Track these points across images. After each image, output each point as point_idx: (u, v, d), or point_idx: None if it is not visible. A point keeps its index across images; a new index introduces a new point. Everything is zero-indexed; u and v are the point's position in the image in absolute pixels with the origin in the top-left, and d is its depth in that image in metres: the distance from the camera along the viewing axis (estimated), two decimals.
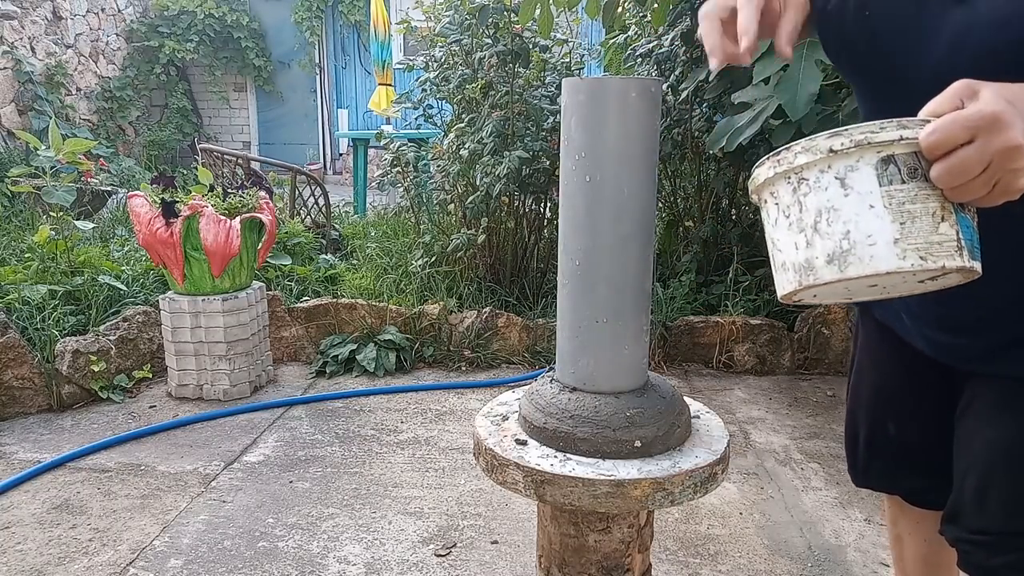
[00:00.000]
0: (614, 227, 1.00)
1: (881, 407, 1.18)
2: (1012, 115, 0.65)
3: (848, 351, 3.41)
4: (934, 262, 0.69)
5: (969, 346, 0.96)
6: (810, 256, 0.74)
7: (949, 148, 0.67)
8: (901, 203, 0.70)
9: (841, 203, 0.72)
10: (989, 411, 0.94)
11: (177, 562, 1.96)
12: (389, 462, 2.54)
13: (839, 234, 0.72)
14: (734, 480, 2.42)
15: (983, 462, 0.95)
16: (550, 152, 3.58)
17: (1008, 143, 0.64)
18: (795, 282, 0.77)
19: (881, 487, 1.24)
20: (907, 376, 1.11)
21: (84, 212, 5.08)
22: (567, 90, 1.00)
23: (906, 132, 0.69)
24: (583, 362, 1.05)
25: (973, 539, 0.96)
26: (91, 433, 2.74)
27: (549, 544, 1.12)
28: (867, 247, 0.70)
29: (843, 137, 0.71)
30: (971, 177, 0.66)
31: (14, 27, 7.33)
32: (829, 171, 0.73)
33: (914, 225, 0.69)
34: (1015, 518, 0.92)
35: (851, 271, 0.71)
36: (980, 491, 0.95)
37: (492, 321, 3.47)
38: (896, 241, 0.69)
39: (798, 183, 0.75)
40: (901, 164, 0.70)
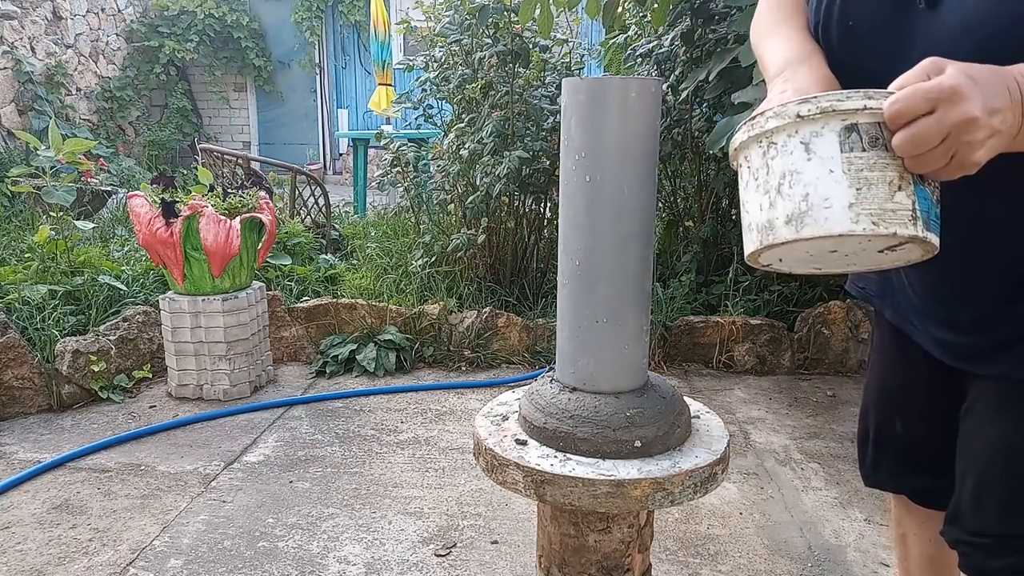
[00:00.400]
0: (614, 227, 1.00)
1: (889, 406, 1.18)
2: (971, 89, 0.67)
3: (848, 351, 3.42)
4: (886, 228, 0.71)
5: (971, 345, 0.96)
6: (772, 216, 0.77)
7: (910, 117, 0.69)
8: (860, 169, 0.72)
9: (804, 167, 0.74)
10: (989, 412, 0.94)
11: (177, 562, 1.96)
12: (389, 462, 2.54)
13: (799, 196, 0.74)
14: (734, 480, 2.42)
15: (982, 464, 0.95)
16: (550, 152, 3.58)
17: (965, 115, 0.67)
18: (757, 241, 0.79)
19: (888, 486, 1.25)
20: (915, 376, 1.11)
21: (84, 212, 5.08)
22: (567, 90, 1.00)
23: (870, 102, 0.72)
24: (583, 362, 1.05)
25: (972, 541, 0.96)
26: (91, 433, 2.74)
27: (549, 544, 1.12)
28: (823, 209, 0.73)
29: (811, 104, 0.74)
30: (930, 147, 0.69)
31: (14, 27, 7.33)
32: (796, 136, 0.75)
33: (870, 191, 0.72)
34: (1012, 521, 0.92)
35: (806, 231, 0.74)
36: (978, 493, 0.95)
37: (492, 321, 3.47)
38: (851, 205, 0.72)
39: (768, 147, 0.78)
40: (863, 132, 0.73)
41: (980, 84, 0.68)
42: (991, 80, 0.69)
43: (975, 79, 0.68)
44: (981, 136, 0.68)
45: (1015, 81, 0.70)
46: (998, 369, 0.92)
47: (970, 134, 0.68)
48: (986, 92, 0.68)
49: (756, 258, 0.82)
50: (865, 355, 3.44)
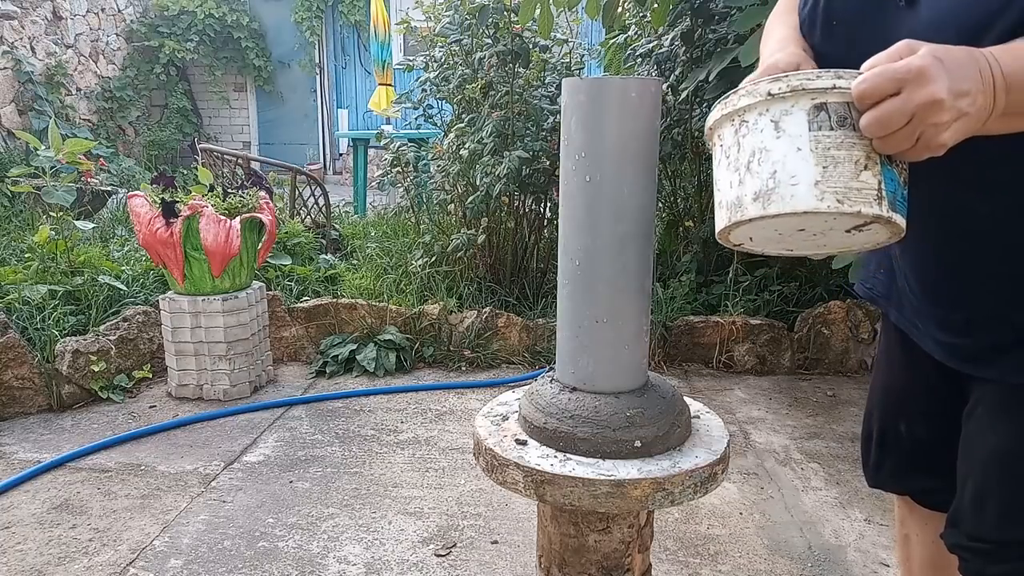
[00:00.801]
0: (614, 227, 1.00)
1: (893, 407, 1.18)
2: (938, 71, 0.67)
3: (848, 351, 3.42)
4: (850, 206, 0.72)
5: (967, 347, 0.96)
6: (740, 194, 0.77)
7: (877, 98, 0.70)
8: (827, 148, 0.73)
9: (772, 144, 0.75)
10: (990, 417, 0.94)
11: (177, 562, 1.96)
12: (389, 462, 2.54)
13: (767, 173, 0.75)
14: (734, 480, 2.42)
15: (981, 469, 0.95)
16: (550, 152, 3.58)
17: (930, 96, 0.67)
18: (726, 219, 0.80)
19: (891, 487, 1.24)
20: (919, 378, 1.11)
21: (84, 212, 5.08)
22: (567, 90, 1.00)
23: (840, 82, 0.73)
24: (583, 362, 1.05)
25: (971, 546, 0.96)
26: (91, 433, 2.74)
27: (549, 544, 1.12)
28: (789, 187, 0.73)
29: (782, 82, 0.75)
30: (896, 128, 0.69)
31: (14, 27, 7.33)
32: (767, 114, 0.76)
33: (836, 170, 0.72)
34: (1010, 527, 0.91)
35: (773, 208, 0.74)
36: (977, 498, 0.95)
37: (492, 321, 3.47)
38: (817, 183, 0.72)
39: (739, 124, 0.79)
40: (832, 112, 0.73)
41: (948, 66, 0.68)
42: (962, 62, 0.69)
43: (943, 61, 0.68)
44: (946, 118, 0.68)
45: (987, 63, 0.70)
46: (994, 373, 0.92)
47: (935, 116, 0.68)
48: (954, 74, 0.68)
49: (727, 236, 0.83)
50: (865, 355, 3.44)
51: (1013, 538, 0.91)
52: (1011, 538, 0.91)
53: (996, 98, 0.71)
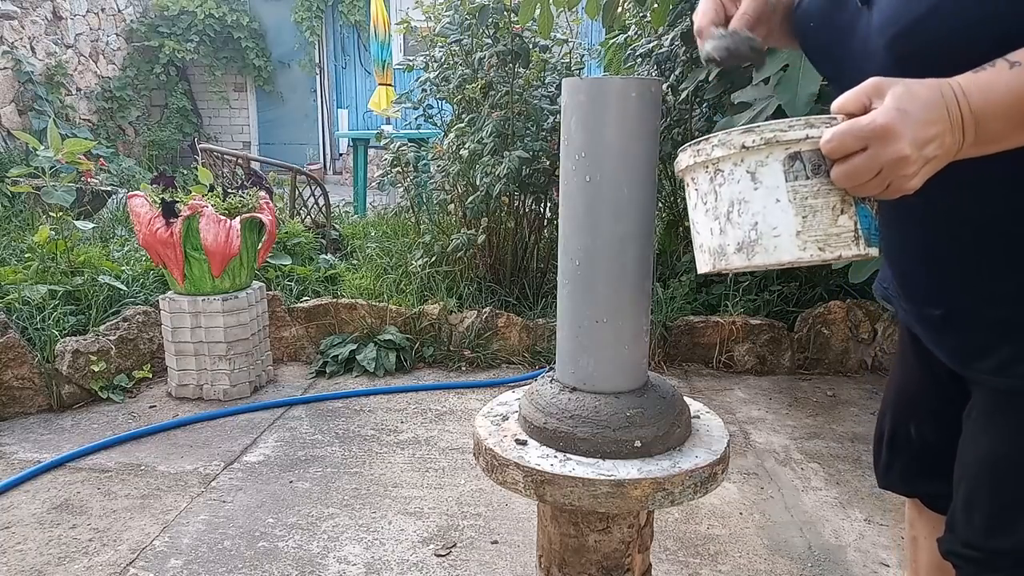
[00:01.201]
0: (614, 227, 1.00)
1: (904, 409, 1.18)
2: (903, 126, 0.69)
3: (848, 351, 3.42)
4: (832, 252, 0.75)
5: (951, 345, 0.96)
6: (723, 243, 0.80)
7: (844, 155, 0.72)
8: (804, 198, 0.75)
9: (751, 195, 0.77)
10: (981, 422, 0.93)
11: (177, 562, 1.96)
12: (389, 462, 2.54)
13: (748, 225, 0.77)
14: (734, 480, 2.42)
15: (971, 476, 0.94)
16: (550, 152, 3.58)
17: (896, 154, 0.69)
18: (710, 264, 0.83)
19: (901, 489, 1.23)
20: (929, 380, 1.10)
21: (84, 212, 5.08)
22: (567, 90, 1.00)
23: (811, 131, 0.75)
24: (583, 362, 1.05)
25: (964, 553, 0.95)
26: (91, 433, 2.74)
27: (549, 544, 1.12)
28: (772, 238, 0.76)
29: (755, 134, 0.77)
30: (865, 180, 0.72)
31: (14, 27, 7.33)
32: (742, 164, 0.78)
33: (815, 219, 0.75)
34: (997, 536, 0.91)
35: (757, 260, 0.77)
36: (968, 504, 0.95)
37: (492, 321, 3.47)
38: (798, 233, 0.75)
39: (715, 173, 0.81)
40: (806, 161, 0.75)
41: (914, 115, 0.69)
42: (928, 104, 0.70)
43: (908, 112, 0.69)
44: (912, 170, 0.71)
45: (955, 99, 0.70)
46: (977, 375, 0.92)
47: (901, 169, 0.70)
48: (919, 121, 0.69)
49: (708, 274, 0.87)
50: (865, 355, 3.44)
51: (1001, 547, 0.90)
52: (999, 547, 0.90)
53: (965, 133, 0.71)
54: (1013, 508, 0.89)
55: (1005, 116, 0.70)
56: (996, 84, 0.70)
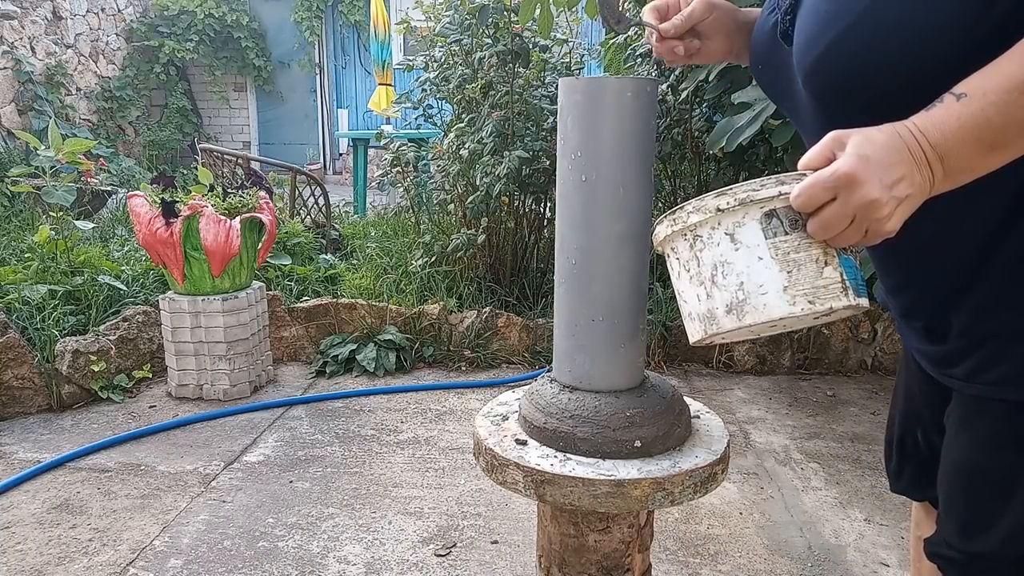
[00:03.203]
0: (610, 226, 1.00)
1: (909, 415, 1.18)
2: (867, 172, 0.70)
3: (848, 351, 3.42)
4: (822, 304, 0.75)
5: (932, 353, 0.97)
6: (711, 307, 0.80)
7: (816, 207, 0.73)
8: (787, 253, 0.75)
9: (733, 256, 0.77)
10: (955, 428, 0.95)
11: (177, 562, 1.96)
12: (389, 462, 2.54)
13: (734, 286, 0.77)
14: (734, 480, 2.42)
15: (947, 480, 0.96)
16: (550, 152, 3.58)
17: (864, 199, 0.70)
18: (701, 331, 0.83)
19: (912, 494, 1.24)
20: (930, 387, 1.11)
21: (84, 212, 5.08)
22: (563, 90, 1.00)
23: (783, 188, 0.76)
24: (579, 360, 1.05)
25: (945, 554, 0.96)
26: (91, 433, 2.74)
27: (549, 544, 1.12)
28: (760, 296, 0.76)
29: (728, 196, 0.77)
30: (841, 229, 0.73)
31: (14, 27, 7.33)
32: (720, 228, 0.79)
33: (800, 272, 0.75)
34: (971, 539, 0.92)
35: (748, 319, 0.77)
36: (947, 508, 0.96)
37: (492, 321, 3.47)
38: (786, 288, 0.75)
39: (694, 240, 0.81)
40: (783, 217, 0.76)
41: (875, 160, 0.70)
42: (888, 149, 0.71)
43: (870, 158, 0.70)
44: (886, 212, 0.71)
45: (914, 139, 0.72)
46: (954, 383, 0.93)
47: (874, 213, 0.71)
48: (882, 165, 0.70)
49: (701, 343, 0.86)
50: (865, 355, 3.44)
51: (977, 550, 0.91)
52: (976, 550, 0.91)
53: (933, 169, 0.72)
54: (987, 513, 0.91)
55: (967, 146, 0.71)
56: (948, 119, 0.71)
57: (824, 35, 0.81)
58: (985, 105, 0.70)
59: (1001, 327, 0.85)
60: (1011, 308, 0.84)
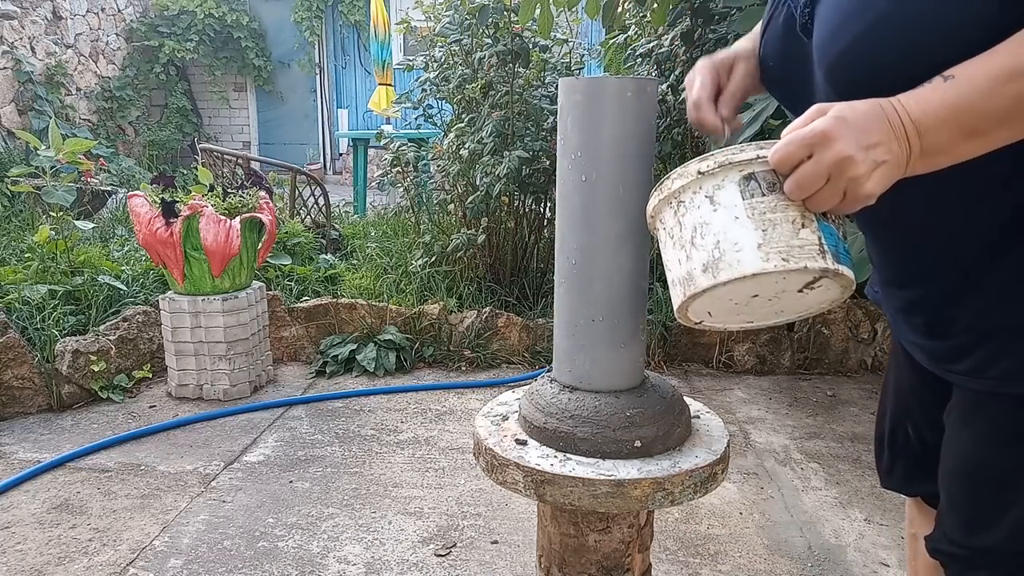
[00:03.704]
0: (610, 226, 1.00)
1: (900, 411, 1.20)
2: (841, 130, 0.72)
3: (848, 351, 3.42)
4: (796, 263, 0.75)
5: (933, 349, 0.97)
6: (690, 268, 0.81)
7: (793, 164, 0.74)
8: (763, 213, 0.77)
9: (711, 218, 0.79)
10: (958, 424, 0.95)
11: (177, 562, 1.96)
12: (389, 462, 2.54)
13: (711, 245, 0.78)
14: (734, 480, 2.42)
15: (950, 476, 0.96)
16: (550, 152, 3.58)
17: (838, 155, 0.71)
18: (681, 294, 0.83)
19: (904, 489, 1.26)
20: (923, 380, 1.12)
21: (84, 212, 5.08)
22: (563, 90, 1.00)
23: (762, 152, 0.78)
24: (579, 360, 1.05)
25: (948, 550, 0.97)
26: (91, 433, 2.74)
27: (549, 544, 1.12)
28: (735, 253, 0.77)
29: (710, 160, 0.80)
30: (817, 188, 0.74)
31: (14, 27, 7.33)
32: (700, 191, 0.81)
33: (775, 231, 0.76)
34: (977, 534, 0.92)
35: (722, 276, 0.77)
36: (950, 504, 0.97)
37: (492, 321, 3.47)
38: (760, 246, 0.76)
39: (677, 206, 0.83)
40: (761, 180, 0.78)
41: (852, 122, 0.72)
42: (868, 115, 0.73)
43: (847, 119, 0.72)
44: (863, 170, 0.72)
45: (895, 111, 0.73)
46: (956, 378, 0.93)
47: (849, 171, 0.72)
48: (860, 128, 0.72)
49: (685, 313, 0.86)
50: (865, 355, 3.44)
51: (981, 545, 0.92)
52: (980, 545, 0.92)
53: (911, 142, 0.73)
54: (991, 508, 0.91)
55: (946, 126, 0.73)
56: (932, 97, 0.73)
57: (850, 28, 0.80)
58: (970, 89, 0.72)
59: (1006, 322, 0.86)
60: (1017, 303, 0.84)
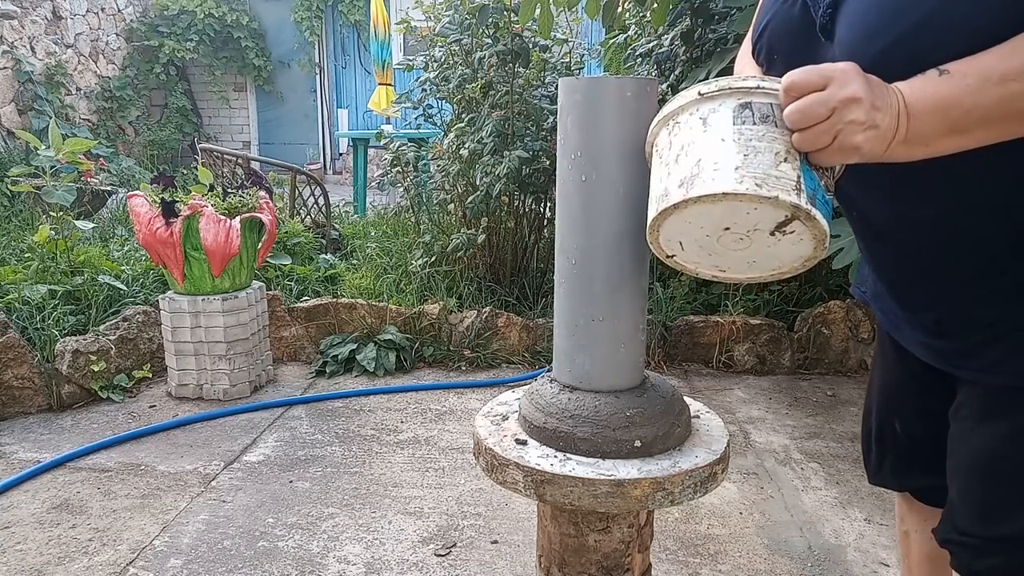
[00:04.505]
0: (610, 226, 1.00)
1: (888, 406, 1.21)
2: (861, 78, 0.75)
3: (848, 351, 3.42)
4: (768, 191, 0.75)
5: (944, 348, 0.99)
6: (668, 184, 0.81)
7: (804, 91, 0.76)
8: (748, 139, 0.77)
9: (699, 138, 0.80)
10: (972, 419, 0.96)
11: (177, 562, 1.96)
12: (389, 462, 2.54)
13: (692, 162, 0.79)
14: (734, 480, 2.42)
15: (965, 469, 0.98)
16: (550, 152, 3.58)
17: (853, 93, 0.74)
18: (654, 211, 0.82)
19: (891, 485, 1.27)
20: (911, 377, 1.14)
21: (84, 212, 5.08)
22: (563, 90, 1.00)
23: (764, 83, 0.79)
24: (579, 360, 1.05)
25: (960, 540, 0.98)
26: (91, 433, 2.74)
27: (549, 544, 1.12)
28: (712, 171, 0.77)
29: (711, 84, 0.81)
30: (817, 120, 0.75)
31: (14, 27, 7.33)
32: (696, 113, 0.82)
33: (756, 158, 0.76)
34: (993, 524, 0.94)
35: (695, 191, 0.77)
36: (963, 496, 0.98)
37: (492, 321, 3.47)
38: (737, 168, 0.76)
39: (672, 126, 0.84)
40: (755, 110, 0.79)
41: (869, 80, 0.75)
42: (878, 83, 0.77)
43: (866, 76, 0.76)
44: (863, 117, 0.74)
45: (894, 92, 0.77)
46: (970, 374, 0.95)
47: (854, 112, 0.74)
48: (873, 88, 0.75)
49: (656, 236, 0.84)
50: (865, 355, 3.44)
51: (996, 534, 0.94)
52: (994, 534, 0.94)
53: (899, 123, 0.76)
54: (1008, 500, 0.93)
55: (933, 117, 0.76)
56: (925, 87, 0.76)
57: (891, 29, 0.81)
58: (961, 85, 0.74)
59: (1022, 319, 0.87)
60: None
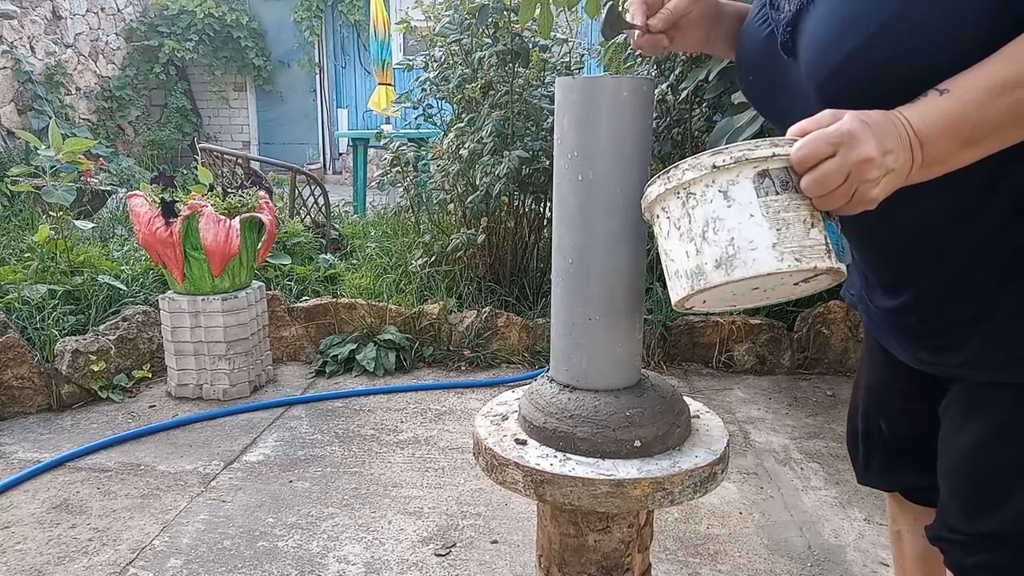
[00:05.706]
0: (607, 225, 1.00)
1: (874, 406, 1.23)
2: (867, 133, 0.74)
3: (848, 351, 3.42)
4: (807, 263, 0.77)
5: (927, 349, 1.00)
6: (700, 262, 0.81)
7: (815, 161, 0.76)
8: (777, 212, 0.78)
9: (725, 213, 0.80)
10: (960, 416, 0.97)
11: (177, 562, 1.96)
12: (389, 462, 2.54)
13: (724, 241, 0.79)
14: (734, 480, 2.42)
15: (953, 466, 0.99)
16: (550, 152, 3.58)
17: (863, 155, 0.74)
18: (688, 287, 0.83)
19: (881, 484, 1.28)
20: (895, 378, 1.15)
21: (84, 212, 5.08)
22: (560, 89, 1.00)
23: (778, 149, 0.79)
24: (576, 359, 1.05)
25: (950, 538, 0.99)
26: (91, 433, 2.74)
27: (549, 544, 1.12)
28: (750, 251, 0.78)
29: (724, 155, 0.80)
30: (834, 187, 0.75)
31: (14, 27, 7.33)
32: (713, 185, 0.81)
33: (789, 231, 0.78)
34: (982, 520, 0.95)
35: (737, 273, 0.78)
36: (951, 493, 0.99)
37: (492, 321, 3.47)
38: (774, 245, 0.78)
39: (687, 197, 0.83)
40: (775, 178, 0.79)
41: (873, 128, 0.75)
42: (882, 123, 0.76)
43: (869, 124, 0.75)
44: (877, 174, 0.75)
45: (902, 123, 0.77)
46: (955, 371, 0.96)
47: (868, 173, 0.74)
48: (879, 135, 0.75)
49: (684, 303, 0.87)
50: None
51: (983, 530, 0.95)
52: (981, 530, 0.95)
53: (914, 153, 0.76)
54: (994, 493, 0.94)
55: (945, 137, 0.76)
56: (931, 110, 0.76)
57: (846, 42, 0.82)
58: (965, 102, 0.75)
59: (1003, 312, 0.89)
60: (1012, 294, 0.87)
